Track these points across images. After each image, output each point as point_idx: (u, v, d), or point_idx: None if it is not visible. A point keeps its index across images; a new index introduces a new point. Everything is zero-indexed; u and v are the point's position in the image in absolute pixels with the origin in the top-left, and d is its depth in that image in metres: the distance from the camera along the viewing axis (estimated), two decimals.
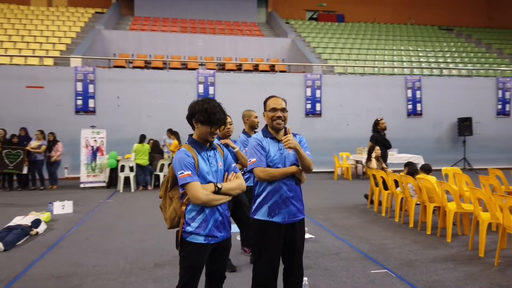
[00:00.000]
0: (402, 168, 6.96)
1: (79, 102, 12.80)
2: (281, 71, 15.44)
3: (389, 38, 21.04)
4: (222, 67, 16.16)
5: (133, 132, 12.40)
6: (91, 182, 10.92)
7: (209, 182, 2.51)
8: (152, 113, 13.22)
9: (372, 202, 7.99)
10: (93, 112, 12.85)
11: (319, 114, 14.30)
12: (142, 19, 21.04)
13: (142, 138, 10.84)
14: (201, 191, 2.41)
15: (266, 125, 3.11)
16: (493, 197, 4.60)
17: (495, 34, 23.84)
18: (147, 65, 15.61)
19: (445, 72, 16.44)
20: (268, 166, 2.93)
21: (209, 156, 2.58)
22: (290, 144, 2.82)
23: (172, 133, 11.19)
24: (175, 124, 12.47)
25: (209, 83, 13.42)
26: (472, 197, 5.06)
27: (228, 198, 2.55)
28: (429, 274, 4.22)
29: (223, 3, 22.22)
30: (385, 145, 8.16)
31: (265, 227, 2.92)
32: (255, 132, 4.97)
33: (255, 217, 2.97)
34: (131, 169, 10.62)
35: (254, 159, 2.93)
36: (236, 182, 2.62)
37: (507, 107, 15.38)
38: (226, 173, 2.65)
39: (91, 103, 12.86)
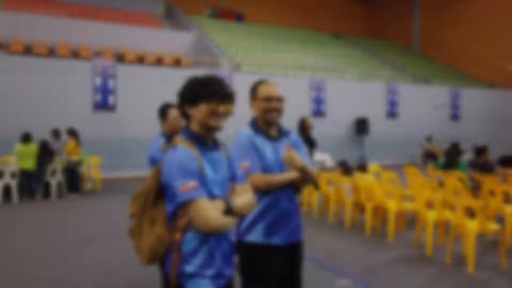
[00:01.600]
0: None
1: None
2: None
3: (288, 40, 21.60)
4: (121, 59, 14.54)
5: (10, 131, 10.28)
6: None
7: (215, 196, 1.73)
8: (37, 109, 11.13)
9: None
10: None
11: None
12: None
13: (26, 138, 8.89)
14: (212, 213, 1.62)
15: (255, 118, 2.43)
16: (445, 196, 4.60)
17: (376, 44, 26.41)
18: (27, 52, 13.19)
19: (342, 75, 17.40)
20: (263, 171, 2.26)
21: (214, 158, 1.80)
22: (297, 164, 2.21)
23: (69, 133, 9.36)
24: (68, 121, 10.69)
25: (108, 75, 11.84)
26: (418, 196, 5.05)
27: (236, 221, 1.78)
28: (395, 280, 3.99)
29: None
30: (311, 144, 7.97)
31: (261, 252, 2.25)
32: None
33: (248, 239, 2.26)
34: (12, 175, 8.67)
35: (247, 163, 2.22)
36: (248, 198, 1.83)
37: (395, 109, 16.93)
38: (230, 183, 1.89)
39: None
